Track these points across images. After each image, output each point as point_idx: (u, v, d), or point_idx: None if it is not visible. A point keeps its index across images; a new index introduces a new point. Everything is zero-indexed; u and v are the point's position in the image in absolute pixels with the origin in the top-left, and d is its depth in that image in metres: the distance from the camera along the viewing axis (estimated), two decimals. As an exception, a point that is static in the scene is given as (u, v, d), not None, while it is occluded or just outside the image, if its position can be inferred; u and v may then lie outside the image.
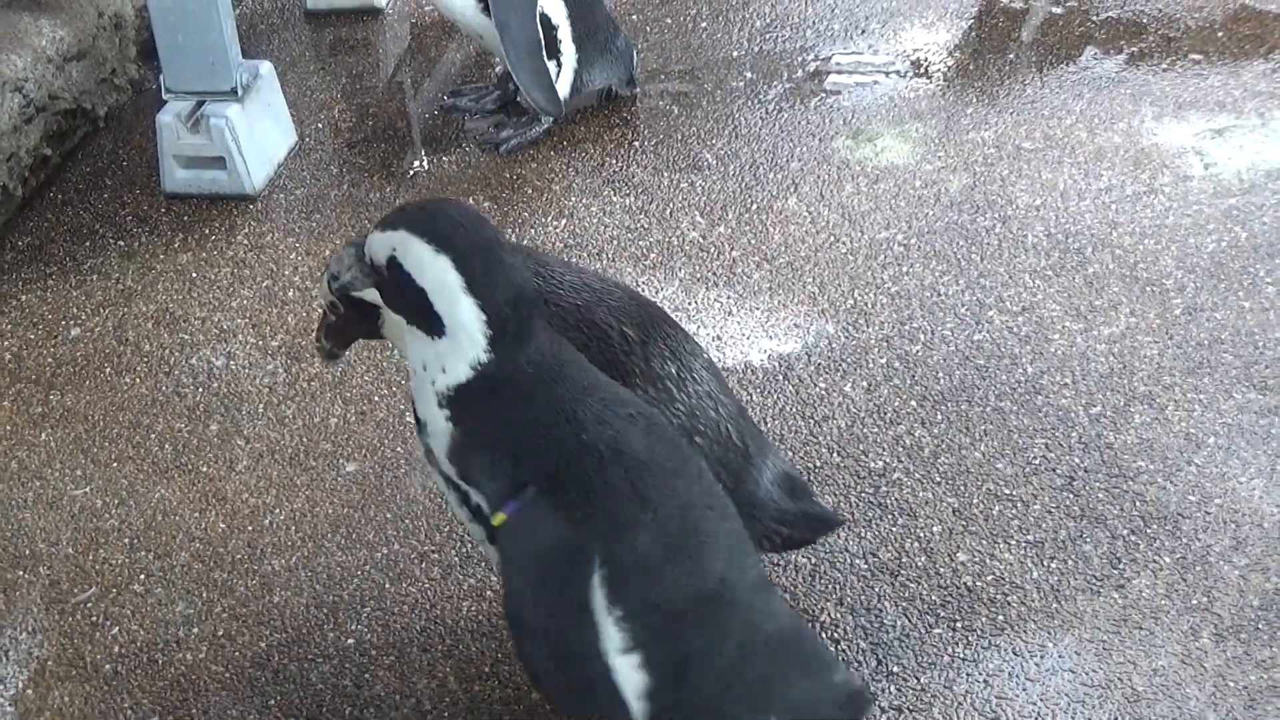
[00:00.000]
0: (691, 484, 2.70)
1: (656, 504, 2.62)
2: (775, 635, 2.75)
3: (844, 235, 4.51)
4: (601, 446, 2.62)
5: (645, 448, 2.65)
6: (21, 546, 3.72)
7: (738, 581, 2.69)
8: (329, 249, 4.65)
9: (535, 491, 2.63)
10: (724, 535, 2.72)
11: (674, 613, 2.64)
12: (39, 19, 5.13)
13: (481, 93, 5.32)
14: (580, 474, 2.62)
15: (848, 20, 5.69)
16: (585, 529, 2.61)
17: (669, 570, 2.63)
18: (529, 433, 2.67)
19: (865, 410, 3.88)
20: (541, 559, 2.65)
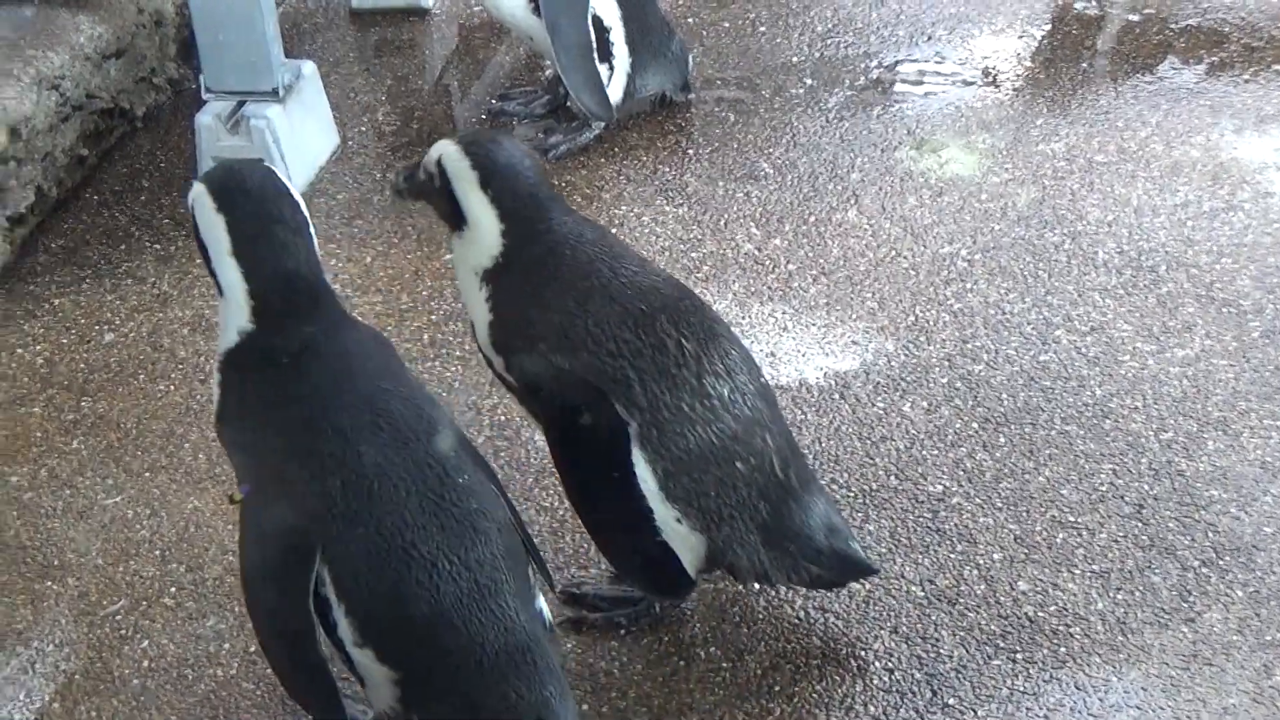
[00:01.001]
0: (424, 503, 2.72)
1: (369, 521, 2.68)
2: (498, 662, 2.75)
3: (905, 249, 4.37)
4: (326, 455, 2.71)
5: (375, 463, 2.71)
6: (50, 557, 3.64)
7: (456, 604, 2.71)
8: (370, 255, 4.55)
9: (268, 478, 2.75)
10: (447, 559, 2.72)
11: (389, 623, 2.71)
12: (77, 16, 5.05)
13: (531, 96, 5.21)
14: (304, 476, 2.71)
15: (913, 26, 5.54)
16: (308, 526, 2.69)
17: (378, 586, 2.69)
18: (270, 421, 2.79)
19: (925, 432, 3.74)
20: (266, 545, 2.75)
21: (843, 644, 3.22)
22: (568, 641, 3.27)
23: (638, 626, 3.29)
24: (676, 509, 3.01)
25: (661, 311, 3.02)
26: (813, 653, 3.21)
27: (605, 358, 2.98)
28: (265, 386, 2.84)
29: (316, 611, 2.72)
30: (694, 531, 3.03)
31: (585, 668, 3.22)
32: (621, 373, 2.97)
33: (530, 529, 3.52)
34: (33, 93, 4.74)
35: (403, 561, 2.70)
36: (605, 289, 3.03)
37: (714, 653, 3.23)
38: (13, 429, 4.03)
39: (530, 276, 3.08)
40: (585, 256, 3.09)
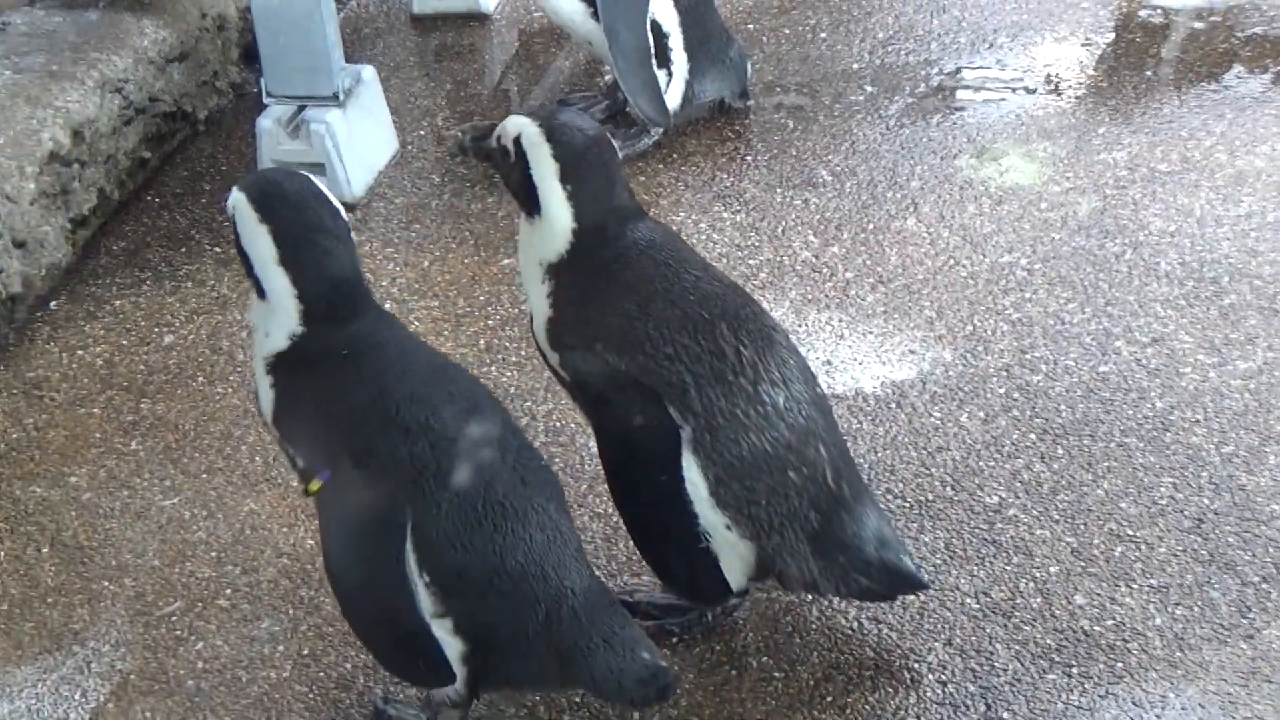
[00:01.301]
0: (506, 460, 2.84)
1: (461, 479, 2.77)
2: (583, 609, 2.84)
3: (964, 258, 4.33)
4: (409, 422, 2.78)
5: (455, 425, 2.80)
6: (108, 557, 3.67)
7: (543, 553, 2.81)
8: (428, 260, 4.56)
9: (348, 462, 2.79)
10: (535, 510, 2.83)
11: (478, 581, 2.78)
12: (141, 19, 5.09)
13: (590, 102, 5.21)
14: (388, 447, 2.77)
15: (975, 33, 5.50)
16: (395, 498, 2.76)
17: (472, 541, 2.77)
18: (341, 406, 2.84)
19: (981, 442, 3.71)
20: (354, 525, 2.82)
21: (896, 656, 3.20)
22: (619, 649, 3.27)
23: (690, 635, 3.28)
24: (726, 516, 3.00)
25: (721, 318, 3.00)
26: (866, 664, 3.19)
27: (662, 361, 2.97)
28: (326, 379, 2.88)
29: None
30: (743, 539, 3.02)
31: (637, 676, 3.21)
32: (678, 377, 2.96)
33: (583, 536, 3.53)
34: (96, 96, 4.78)
35: (498, 514, 2.79)
36: (667, 293, 3.02)
37: (766, 662, 3.22)
38: (73, 429, 4.06)
39: (594, 276, 3.07)
40: (651, 260, 3.07)
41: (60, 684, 3.35)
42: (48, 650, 3.43)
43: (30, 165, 4.49)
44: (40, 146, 4.54)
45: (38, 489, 3.88)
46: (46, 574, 3.63)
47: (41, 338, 4.42)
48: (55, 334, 4.42)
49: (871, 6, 5.71)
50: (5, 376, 4.28)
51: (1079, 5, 5.61)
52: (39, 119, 4.58)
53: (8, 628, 3.50)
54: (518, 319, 4.24)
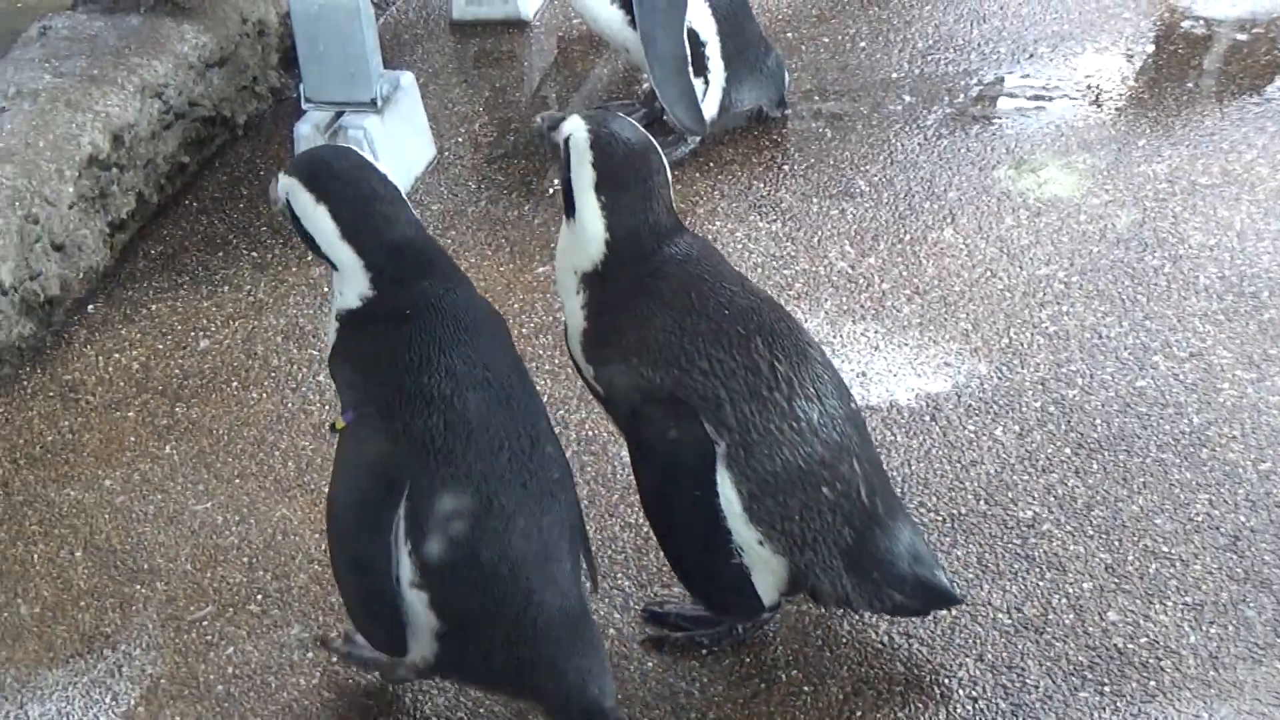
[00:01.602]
0: (514, 461, 2.86)
1: (461, 462, 2.82)
2: (549, 626, 2.88)
3: (1001, 270, 4.30)
4: (435, 395, 2.85)
5: (479, 411, 2.86)
6: (140, 560, 3.68)
7: (522, 560, 2.84)
8: (463, 267, 4.49)
9: (373, 411, 2.88)
10: (524, 516, 2.86)
11: (454, 566, 2.84)
12: (182, 24, 5.12)
13: (627, 109, 5.18)
14: (409, 412, 2.85)
15: (1015, 43, 5.47)
16: (400, 461, 2.84)
17: (453, 526, 2.82)
18: (385, 360, 2.91)
19: (1016, 456, 3.68)
20: (360, 472, 2.90)
21: (926, 671, 3.18)
22: (648, 661, 3.26)
23: (719, 647, 3.27)
24: (759, 531, 2.99)
25: (757, 333, 2.99)
26: (896, 679, 3.17)
27: (697, 376, 2.96)
28: (385, 335, 2.96)
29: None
30: (776, 554, 3.01)
31: (666, 688, 3.20)
32: (713, 392, 2.95)
33: (614, 545, 3.53)
34: (136, 100, 4.81)
35: (484, 508, 2.83)
36: (703, 308, 3.01)
37: (795, 675, 3.20)
38: (108, 433, 4.08)
39: (629, 289, 3.07)
40: (687, 274, 3.06)
41: (91, 687, 3.37)
42: (79, 653, 3.45)
43: (69, 169, 4.52)
44: (80, 150, 4.57)
45: (72, 492, 3.90)
46: (79, 577, 3.64)
47: (79, 341, 4.44)
48: (92, 337, 4.45)
49: (911, 16, 5.68)
50: (42, 379, 4.30)
51: (1120, 15, 5.57)
52: (79, 123, 4.61)
53: (40, 630, 3.51)
54: (552, 327, 4.23)
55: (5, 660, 3.45)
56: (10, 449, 4.07)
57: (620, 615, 3.37)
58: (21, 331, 4.35)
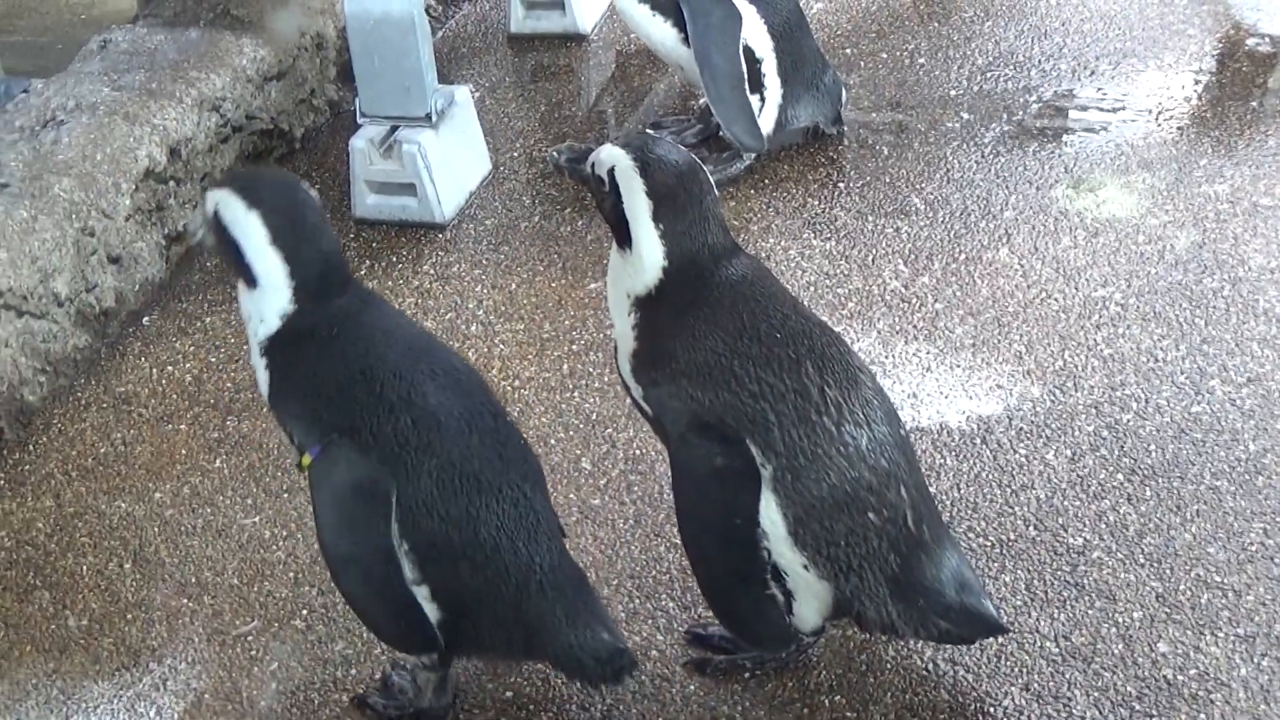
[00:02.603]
0: (484, 437, 2.98)
1: (440, 452, 2.93)
2: (550, 585, 2.98)
3: (1057, 291, 4.25)
4: (394, 399, 2.94)
5: (439, 401, 2.96)
6: (188, 574, 3.70)
7: (515, 527, 2.96)
8: (515, 282, 4.56)
9: (337, 437, 2.94)
10: (509, 486, 2.98)
11: (453, 550, 2.94)
12: (241, 38, 5.15)
13: (683, 125, 5.19)
14: (374, 423, 2.93)
15: (1076, 60, 5.41)
16: (381, 470, 2.92)
17: (448, 511, 2.92)
18: (329, 384, 2.99)
19: (1067, 481, 3.64)
20: (344, 497, 2.96)
21: (971, 699, 3.14)
22: (690, 684, 3.24)
23: (762, 670, 3.25)
24: (805, 556, 2.96)
25: (808, 357, 2.97)
26: (940, 706, 3.13)
27: (746, 399, 2.94)
28: (315, 358, 3.03)
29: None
30: (821, 579, 2.98)
31: (707, 711, 3.18)
32: (762, 415, 2.93)
33: (659, 566, 3.52)
34: (194, 114, 4.84)
35: (473, 487, 2.95)
36: (755, 330, 2.98)
37: (839, 701, 3.17)
38: (159, 445, 4.10)
39: (682, 311, 3.04)
40: (740, 297, 3.03)
41: (136, 700, 3.39)
42: (125, 666, 3.47)
43: (127, 182, 4.56)
44: (137, 164, 4.61)
45: (123, 504, 3.92)
46: (127, 589, 3.67)
47: (133, 353, 4.48)
48: (146, 349, 4.48)
49: (971, 32, 5.64)
50: (96, 391, 4.34)
51: (1184, 33, 5.50)
52: (136, 136, 4.65)
53: (87, 642, 3.54)
54: (602, 344, 4.22)
55: (52, 672, 3.48)
56: (64, 460, 4.11)
57: (663, 637, 3.36)
58: (77, 343, 4.39)
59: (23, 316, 4.21)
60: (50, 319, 4.29)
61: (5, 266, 4.16)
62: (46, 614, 3.64)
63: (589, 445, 3.92)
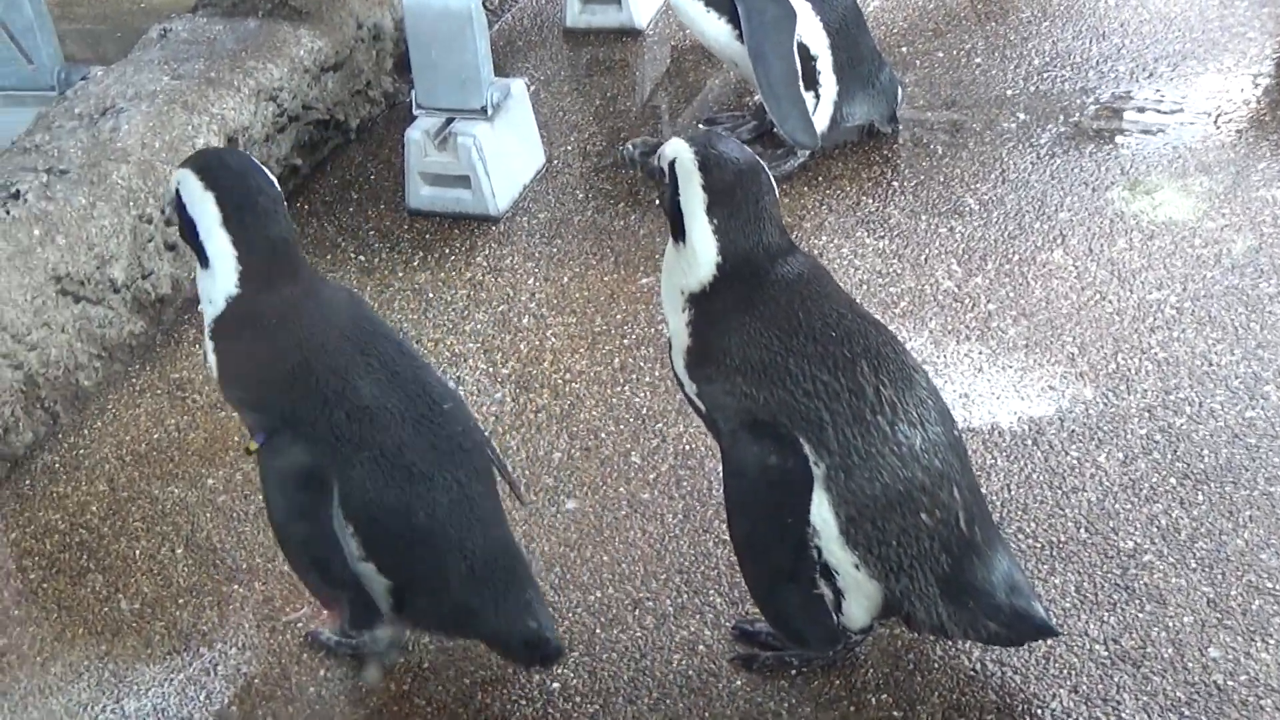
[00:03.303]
0: (418, 428, 3.08)
1: (374, 444, 3.03)
2: (481, 569, 3.11)
3: (1111, 293, 4.23)
4: (329, 393, 3.04)
5: (372, 394, 3.06)
6: (240, 560, 3.73)
7: (447, 513, 3.07)
8: (567, 276, 4.57)
9: (280, 425, 3.07)
10: (442, 475, 3.08)
11: (393, 533, 3.07)
12: (298, 29, 5.18)
13: (737, 121, 5.18)
14: (311, 415, 3.05)
15: (1135, 61, 5.38)
16: (319, 461, 3.04)
17: (383, 499, 3.04)
18: (271, 373, 3.11)
19: (1119, 484, 3.61)
20: (287, 485, 3.09)
21: (1019, 700, 3.13)
22: (736, 679, 3.24)
23: (809, 668, 3.24)
24: (856, 555, 2.96)
25: (863, 356, 2.96)
26: (987, 707, 3.12)
27: (801, 397, 2.93)
28: (258, 346, 3.13)
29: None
30: (871, 579, 2.98)
31: (754, 707, 3.18)
32: (816, 414, 2.92)
33: (707, 562, 3.52)
34: (251, 104, 4.87)
35: (405, 477, 3.05)
36: (810, 329, 2.97)
37: (885, 699, 3.17)
38: (212, 432, 4.13)
39: (736, 308, 3.03)
40: (796, 295, 3.02)
41: (186, 684, 3.41)
42: (176, 650, 3.50)
43: (184, 170, 4.58)
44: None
45: (176, 489, 3.95)
46: (179, 574, 3.69)
47: (187, 340, 4.51)
48: (201, 336, 4.49)
49: (1029, 31, 5.62)
50: (151, 377, 4.37)
51: (1244, 35, 5.46)
52: (194, 125, 4.68)
53: (139, 626, 3.56)
54: (654, 339, 4.23)
55: (104, 654, 3.51)
56: (118, 445, 4.14)
57: (710, 632, 3.36)
58: (132, 329, 4.43)
59: (80, 302, 4.25)
60: (106, 305, 4.33)
61: (63, 252, 4.20)
62: (99, 597, 3.67)
63: (639, 440, 3.93)
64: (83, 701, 3.41)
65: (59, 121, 4.70)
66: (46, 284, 4.16)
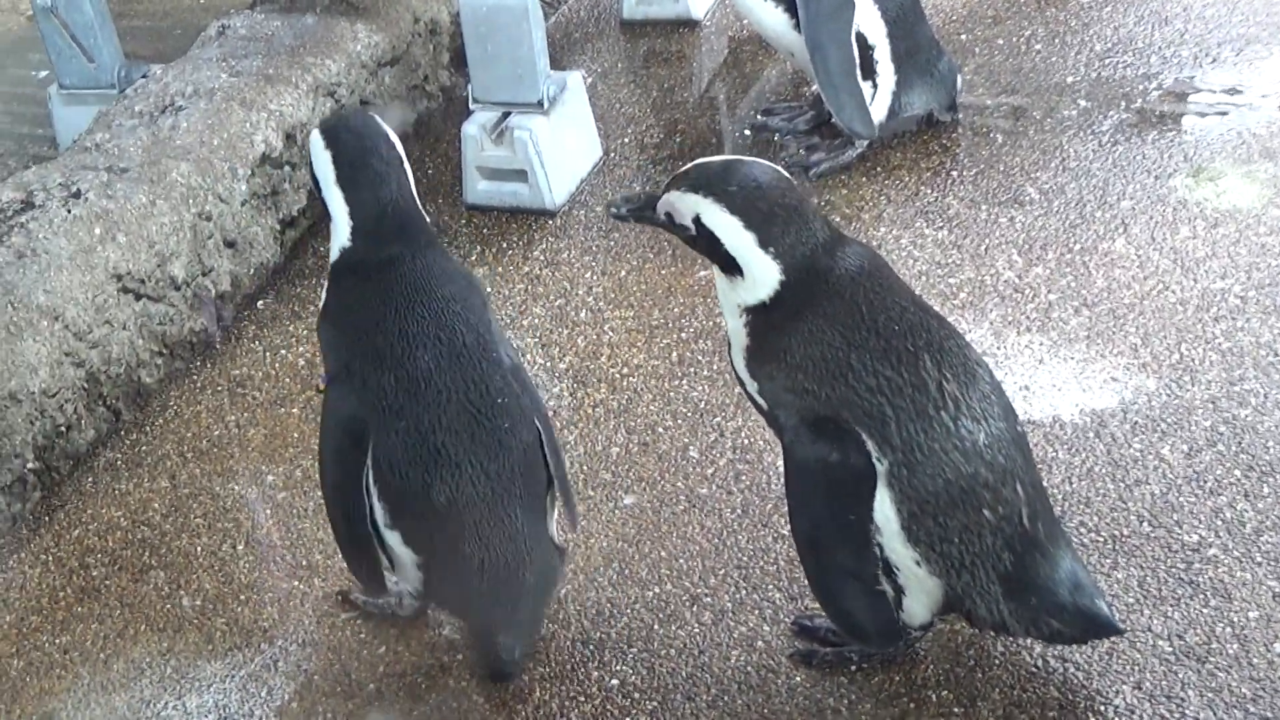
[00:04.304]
0: (461, 412, 3.13)
1: (410, 416, 3.12)
2: (490, 567, 3.17)
3: (1174, 283, 4.17)
4: (387, 355, 3.14)
5: (426, 368, 3.13)
6: (299, 556, 3.75)
7: (469, 502, 3.13)
8: (625, 269, 4.56)
9: (344, 373, 3.20)
10: (470, 465, 3.13)
11: (413, 508, 3.15)
12: (355, 24, 5.20)
13: (795, 112, 5.15)
14: (365, 371, 3.16)
15: (1198, 46, 5.30)
16: (362, 414, 3.15)
17: (407, 474, 3.13)
18: (351, 322, 3.24)
19: (1183, 477, 3.57)
20: (333, 430, 3.23)
21: (1081, 697, 3.10)
22: (796, 675, 3.23)
23: (869, 664, 3.23)
24: (917, 551, 2.94)
25: (925, 350, 2.93)
26: (1049, 704, 3.09)
27: (864, 393, 2.90)
28: (354, 295, 3.26)
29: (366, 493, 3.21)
30: (932, 575, 2.96)
31: (813, 703, 3.17)
32: (879, 410, 2.90)
33: (766, 557, 3.50)
34: (309, 99, 4.89)
35: (432, 458, 3.12)
36: (872, 323, 2.94)
37: (945, 696, 3.14)
38: (272, 428, 4.16)
39: (798, 309, 3.00)
40: (858, 289, 2.98)
41: (248, 680, 3.44)
42: (237, 646, 3.52)
43: (243, 167, 4.62)
44: (253, 149, 4.67)
45: (236, 486, 3.98)
46: (240, 571, 3.72)
47: (247, 336, 4.54)
48: (261, 333, 4.53)
49: (1090, 17, 5.55)
50: (211, 374, 4.40)
51: (1310, 18, 5.38)
52: (253, 121, 4.71)
53: (201, 622, 3.60)
54: (712, 332, 4.21)
55: (166, 650, 3.54)
56: (179, 442, 4.17)
57: (769, 628, 3.35)
58: (193, 326, 4.45)
59: (140, 300, 4.28)
60: (167, 302, 4.37)
61: (124, 250, 4.23)
62: (161, 593, 3.71)
63: (697, 434, 3.92)
64: (145, 698, 3.44)
65: (119, 120, 4.74)
66: (107, 282, 4.20)
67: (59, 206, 4.25)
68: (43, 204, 4.27)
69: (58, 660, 3.58)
